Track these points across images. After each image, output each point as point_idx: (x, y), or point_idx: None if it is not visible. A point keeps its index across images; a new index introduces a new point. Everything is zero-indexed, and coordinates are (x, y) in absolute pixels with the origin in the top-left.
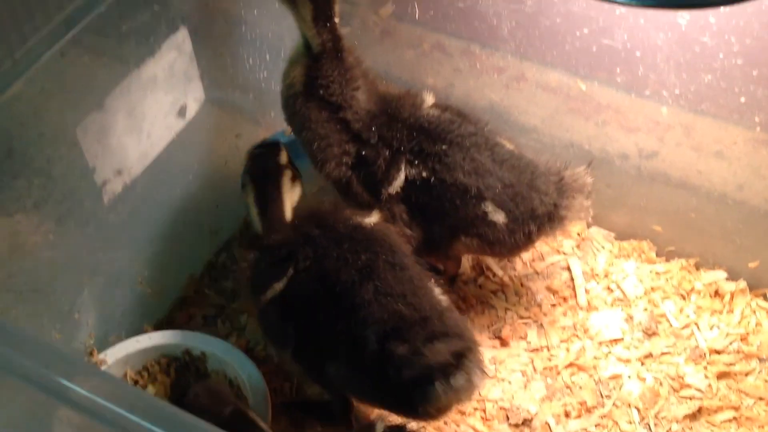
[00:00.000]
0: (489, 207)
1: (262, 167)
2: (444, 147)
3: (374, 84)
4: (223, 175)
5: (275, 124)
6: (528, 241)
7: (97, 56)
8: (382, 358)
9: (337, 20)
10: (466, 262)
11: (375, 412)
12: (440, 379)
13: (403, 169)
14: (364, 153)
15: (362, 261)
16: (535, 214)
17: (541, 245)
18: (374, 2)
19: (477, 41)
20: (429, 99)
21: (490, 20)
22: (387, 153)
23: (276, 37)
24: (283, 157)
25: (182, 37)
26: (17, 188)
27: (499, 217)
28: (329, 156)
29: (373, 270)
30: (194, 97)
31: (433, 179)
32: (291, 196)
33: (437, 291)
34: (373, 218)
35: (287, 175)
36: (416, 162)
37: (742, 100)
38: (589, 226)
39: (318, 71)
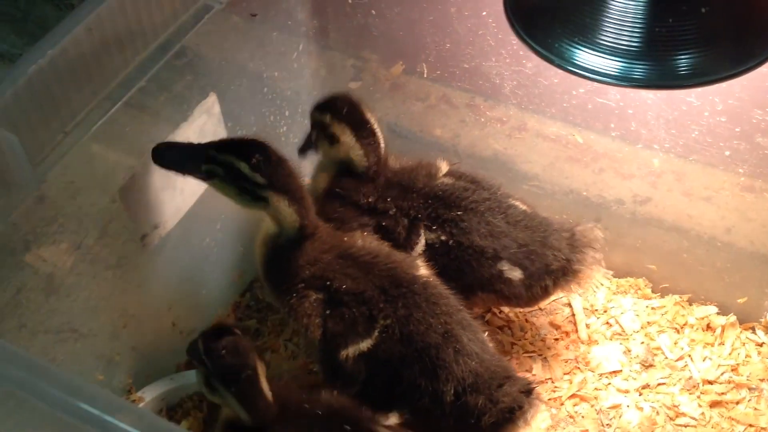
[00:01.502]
0: (505, 266)
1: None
2: (459, 213)
3: (388, 164)
4: (247, 223)
5: None
6: (545, 294)
7: (138, 123)
8: (461, 408)
9: (382, 145)
10: None
11: None
12: (521, 418)
13: (422, 234)
14: (384, 223)
15: (442, 324)
16: (550, 269)
17: None
18: (385, 61)
19: (481, 94)
20: (443, 167)
21: (493, 79)
22: (405, 221)
23: (294, 94)
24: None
25: (212, 101)
26: (50, 234)
27: (515, 274)
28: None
29: (452, 333)
30: None
31: (451, 242)
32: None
33: (486, 335)
34: (422, 270)
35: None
36: (434, 227)
37: (727, 153)
38: None
39: (344, 183)
